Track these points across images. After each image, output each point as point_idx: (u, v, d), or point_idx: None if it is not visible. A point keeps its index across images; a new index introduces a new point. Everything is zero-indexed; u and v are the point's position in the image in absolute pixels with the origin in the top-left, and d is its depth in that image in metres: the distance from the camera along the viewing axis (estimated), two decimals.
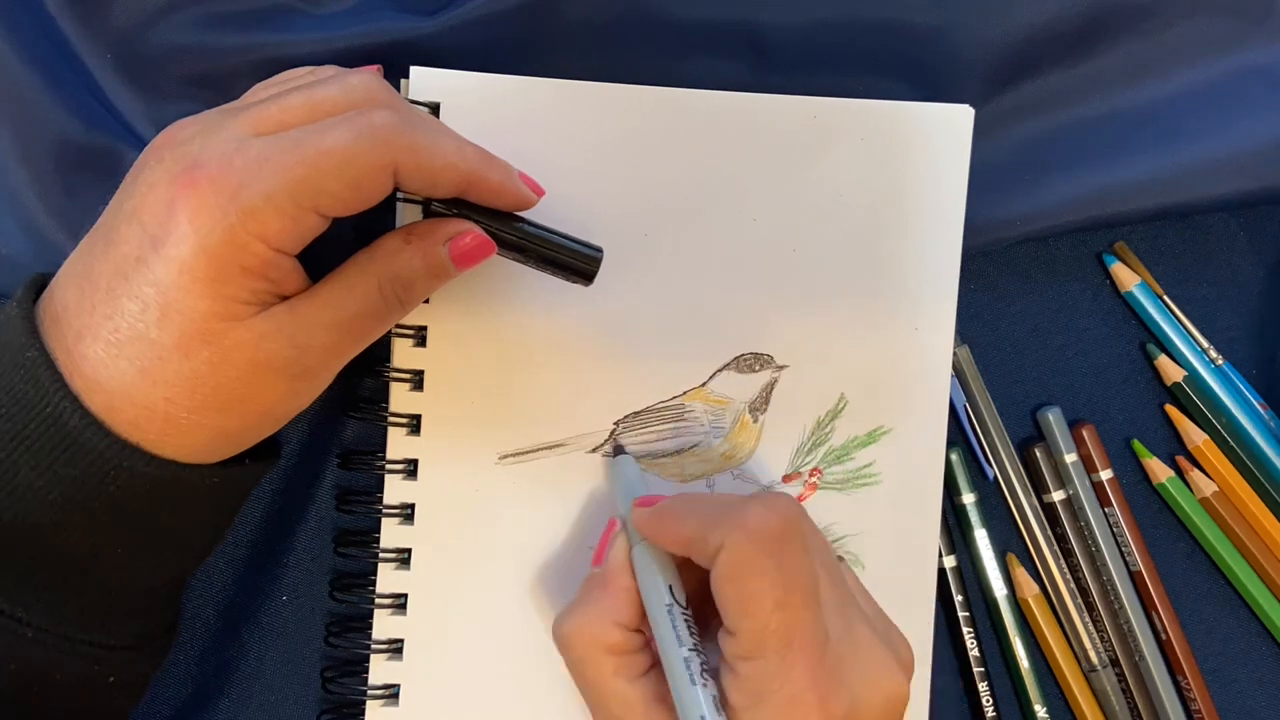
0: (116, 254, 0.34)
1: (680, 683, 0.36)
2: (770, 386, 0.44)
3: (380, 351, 0.43)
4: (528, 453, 0.44)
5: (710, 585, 0.36)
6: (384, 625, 0.43)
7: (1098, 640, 0.48)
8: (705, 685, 0.35)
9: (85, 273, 0.34)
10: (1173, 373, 0.48)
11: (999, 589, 0.48)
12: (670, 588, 0.38)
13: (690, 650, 0.36)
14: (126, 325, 0.33)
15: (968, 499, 0.47)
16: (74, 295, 0.34)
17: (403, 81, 0.42)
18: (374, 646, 0.43)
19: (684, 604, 0.38)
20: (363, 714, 0.44)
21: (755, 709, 0.34)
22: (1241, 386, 0.49)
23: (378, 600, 0.43)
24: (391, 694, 0.43)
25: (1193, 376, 0.48)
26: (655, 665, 0.38)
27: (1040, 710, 0.47)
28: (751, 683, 0.35)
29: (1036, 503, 0.48)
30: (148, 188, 0.34)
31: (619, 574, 0.39)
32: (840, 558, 0.39)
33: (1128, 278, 0.48)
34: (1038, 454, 0.48)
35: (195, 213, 0.33)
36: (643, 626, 0.38)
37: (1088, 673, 0.48)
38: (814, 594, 0.36)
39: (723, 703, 0.35)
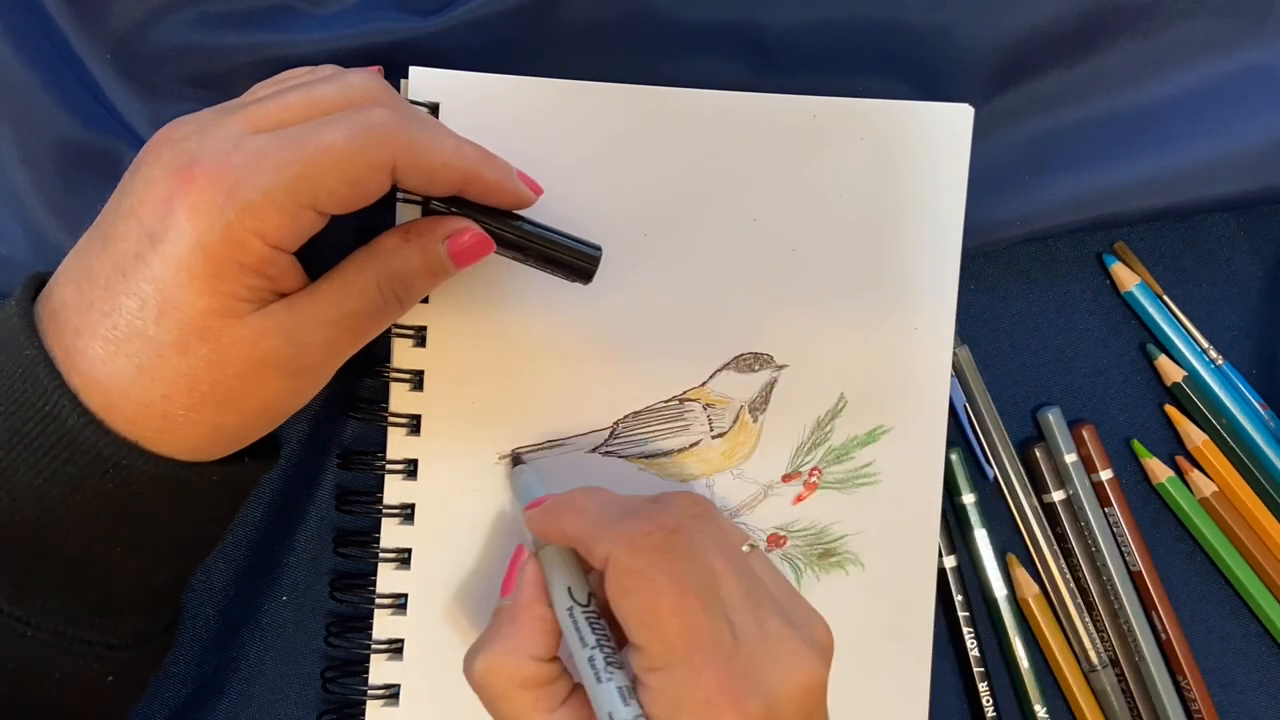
0: (115, 251, 0.34)
1: (589, 683, 0.35)
2: (770, 386, 0.44)
3: (380, 351, 0.43)
4: (527, 453, 0.44)
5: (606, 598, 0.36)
6: (384, 625, 0.43)
7: (1098, 640, 0.48)
8: (610, 679, 0.35)
9: (84, 270, 0.34)
10: (1172, 373, 0.48)
11: (999, 589, 0.48)
12: (569, 589, 0.37)
13: (594, 648, 0.36)
14: (125, 322, 0.33)
15: (968, 499, 0.47)
16: (72, 292, 0.34)
17: (403, 81, 0.42)
18: (374, 646, 0.43)
19: (584, 601, 0.37)
20: (363, 714, 0.44)
21: (675, 719, 0.34)
22: (1241, 386, 0.49)
23: (378, 600, 0.43)
24: (391, 694, 0.43)
25: (1192, 376, 0.48)
26: (575, 690, 0.37)
27: (1040, 710, 0.47)
28: (665, 693, 0.34)
29: (1036, 503, 0.48)
30: (146, 185, 0.34)
31: (531, 603, 0.38)
32: (752, 545, 0.38)
33: (1127, 278, 0.48)
34: (1038, 454, 0.48)
35: (193, 209, 0.33)
36: (558, 653, 0.37)
37: (1088, 673, 0.48)
38: (712, 595, 0.35)
39: (645, 716, 0.34)
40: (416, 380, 0.43)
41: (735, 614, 0.35)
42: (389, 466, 0.43)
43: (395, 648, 0.43)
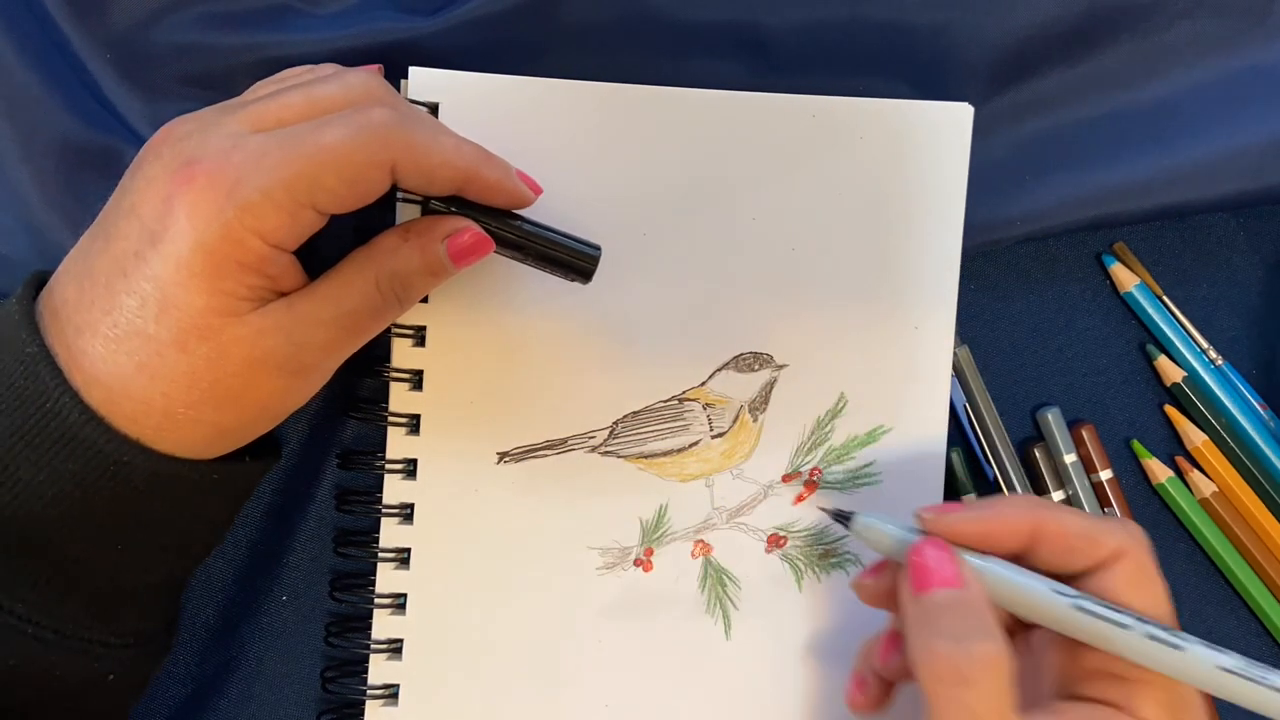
0: (115, 250, 0.34)
1: (1165, 659, 0.35)
2: (770, 386, 0.44)
3: (380, 351, 0.43)
4: (527, 452, 0.44)
5: (1103, 588, 0.36)
6: (383, 625, 0.43)
7: None
8: (1186, 640, 0.35)
9: (84, 268, 0.35)
10: (1172, 373, 0.48)
11: None
12: (1051, 588, 0.36)
13: (1140, 623, 0.35)
14: (125, 321, 0.34)
15: (968, 499, 0.47)
16: (73, 291, 0.35)
17: (402, 81, 0.42)
18: (374, 646, 0.43)
19: (1074, 592, 0.36)
20: (362, 714, 0.44)
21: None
22: (1241, 387, 0.49)
23: (377, 600, 0.43)
24: (391, 694, 0.43)
25: (1192, 377, 0.48)
26: None
27: None
28: (1164, 693, 0.36)
29: None
30: (146, 183, 0.34)
31: (987, 601, 0.36)
32: None
33: (1127, 278, 0.48)
34: (1037, 454, 0.48)
35: (193, 208, 0.33)
36: None
37: None
38: None
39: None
40: (416, 380, 0.43)
41: None
42: (389, 466, 0.43)
43: (395, 648, 0.43)
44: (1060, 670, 0.38)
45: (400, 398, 0.43)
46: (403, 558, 0.43)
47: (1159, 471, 0.48)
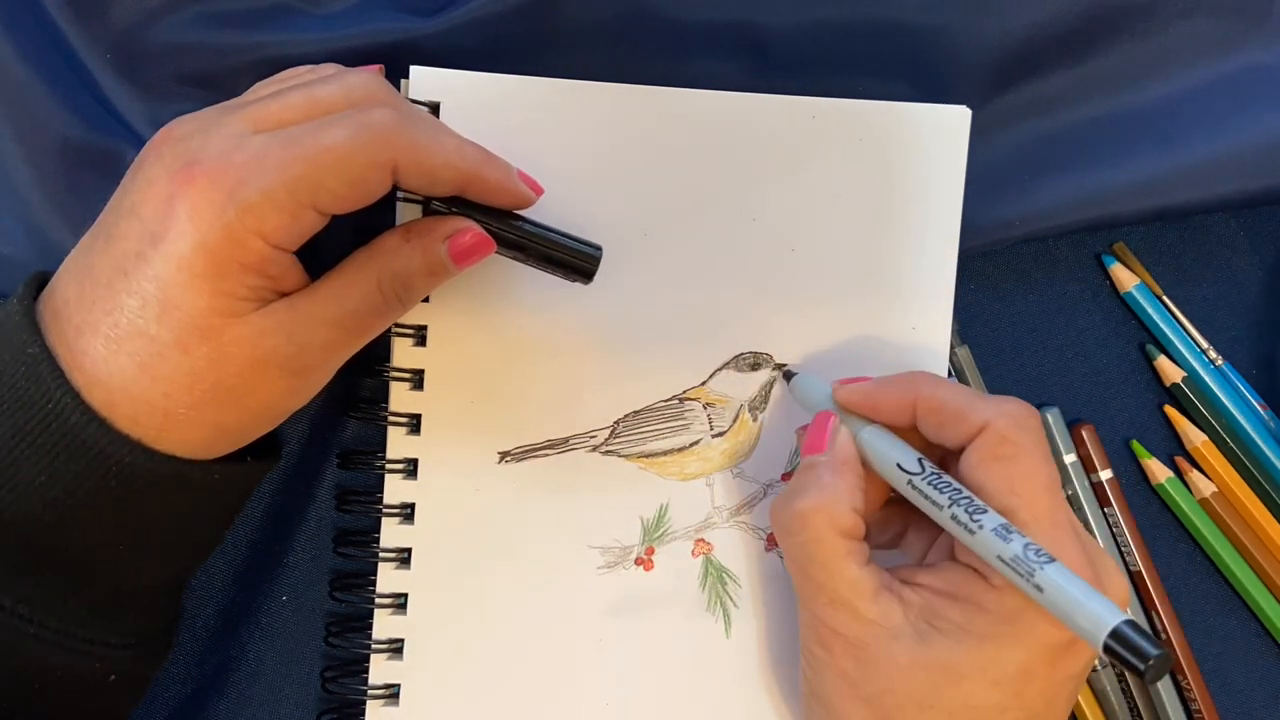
0: (116, 250, 0.34)
1: (962, 538, 0.36)
2: (769, 385, 0.44)
3: (380, 351, 0.43)
4: (527, 451, 0.44)
5: (963, 464, 0.37)
6: (384, 625, 0.43)
7: None
8: (982, 525, 0.35)
9: (86, 269, 0.35)
10: (1172, 373, 0.48)
11: None
12: (899, 463, 0.38)
13: (951, 506, 0.36)
14: (126, 321, 0.34)
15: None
16: (74, 291, 0.35)
17: (403, 81, 0.42)
18: (374, 646, 0.43)
19: (917, 470, 0.38)
20: (363, 714, 0.44)
21: None
22: (1241, 387, 0.49)
23: (378, 600, 0.43)
24: (391, 694, 0.43)
25: (1192, 377, 0.48)
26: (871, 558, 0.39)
27: None
28: None
29: None
30: (147, 184, 0.34)
31: (851, 460, 0.39)
32: None
33: (1127, 278, 0.48)
34: None
35: (194, 209, 0.33)
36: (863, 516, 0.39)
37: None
38: (1062, 492, 0.38)
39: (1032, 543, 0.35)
40: (416, 380, 0.43)
41: (1072, 513, 0.38)
42: (389, 466, 0.43)
43: (395, 647, 0.43)
44: (948, 534, 0.39)
45: (401, 397, 0.43)
46: (403, 558, 0.43)
47: (1159, 472, 0.48)
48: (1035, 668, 0.36)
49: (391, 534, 0.43)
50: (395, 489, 0.43)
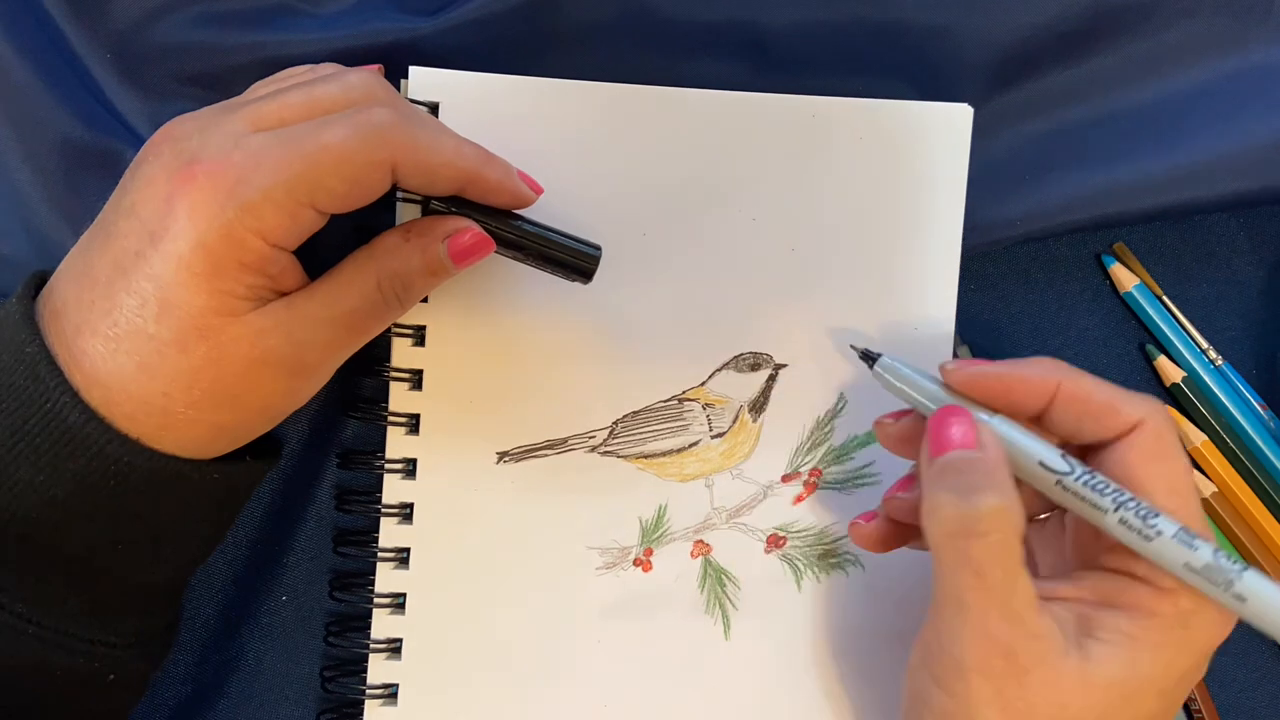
0: (115, 249, 0.34)
1: (1136, 546, 0.34)
2: (769, 386, 0.44)
3: (380, 351, 0.43)
4: (526, 452, 0.44)
5: (1112, 462, 0.36)
6: (383, 625, 0.43)
7: None
8: (1160, 530, 0.34)
9: (84, 268, 0.35)
10: (1172, 373, 0.48)
11: None
12: (1041, 462, 0.36)
13: (1118, 509, 0.35)
14: (125, 320, 0.34)
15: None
16: (73, 290, 0.35)
17: (403, 81, 0.42)
18: (373, 646, 0.43)
19: (1067, 470, 0.36)
20: (362, 714, 0.44)
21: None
22: (1241, 387, 0.49)
23: (377, 600, 0.43)
24: (390, 694, 0.43)
25: (1192, 377, 0.48)
26: None
27: None
28: None
29: None
30: (146, 183, 0.34)
31: (1005, 460, 0.36)
32: None
33: (1127, 278, 0.48)
34: None
35: (193, 208, 0.33)
36: None
37: None
38: None
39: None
40: (416, 380, 0.43)
41: None
42: (388, 466, 0.43)
43: (394, 647, 0.43)
44: (1085, 540, 0.38)
45: (400, 397, 0.43)
46: (402, 558, 0.43)
47: None
48: (1194, 673, 0.35)
49: (391, 534, 0.43)
50: (394, 489, 0.43)
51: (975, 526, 0.35)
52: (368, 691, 0.43)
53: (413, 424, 0.43)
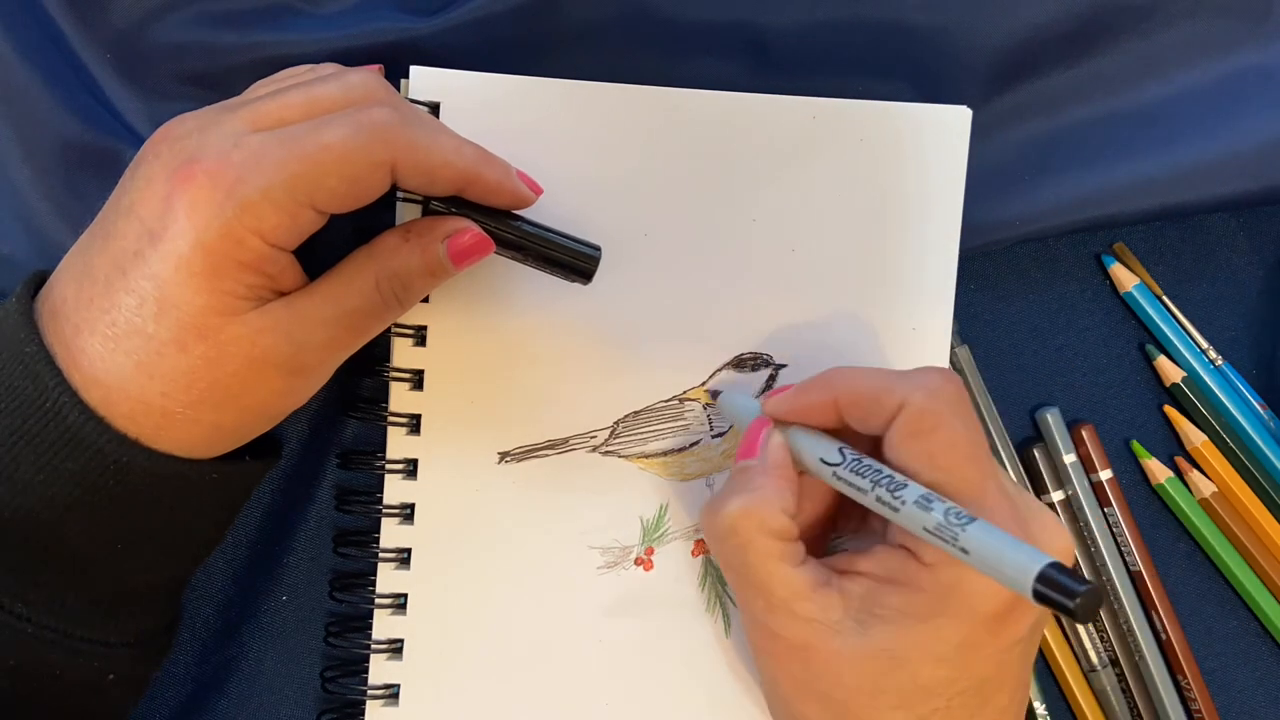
0: (114, 248, 0.34)
1: (889, 515, 0.36)
2: (769, 386, 0.44)
3: (380, 351, 0.43)
4: (528, 452, 0.44)
5: (886, 446, 0.37)
6: (384, 625, 0.43)
7: (1097, 640, 0.48)
8: (903, 500, 0.35)
9: (84, 267, 0.35)
10: (1172, 373, 0.48)
11: None
12: (821, 458, 0.38)
13: (873, 488, 0.36)
14: (124, 319, 0.34)
15: None
16: (72, 290, 0.35)
17: (403, 81, 0.42)
18: (374, 646, 0.43)
19: (839, 460, 0.37)
20: (363, 714, 0.44)
21: None
22: (1241, 387, 0.49)
23: (377, 600, 0.43)
24: (391, 694, 0.43)
25: (1192, 377, 0.48)
26: (808, 558, 0.38)
27: (1040, 709, 0.47)
28: None
29: None
30: (145, 182, 0.34)
31: (782, 465, 0.39)
32: None
33: (1126, 278, 0.48)
34: (1037, 454, 0.48)
35: (192, 207, 0.33)
36: (796, 517, 0.38)
37: (1087, 673, 0.48)
38: (990, 452, 0.37)
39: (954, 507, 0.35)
40: (416, 380, 0.43)
41: (1000, 472, 0.37)
42: (389, 466, 0.43)
43: (395, 647, 0.43)
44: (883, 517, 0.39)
45: (400, 398, 0.43)
46: (403, 558, 0.43)
47: (1159, 472, 0.48)
48: (978, 638, 0.36)
49: (391, 534, 0.43)
50: (395, 489, 0.43)
51: (719, 530, 0.38)
52: (369, 692, 0.43)
53: (413, 424, 0.43)
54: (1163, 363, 0.48)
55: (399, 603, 0.43)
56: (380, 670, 0.43)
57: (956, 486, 0.36)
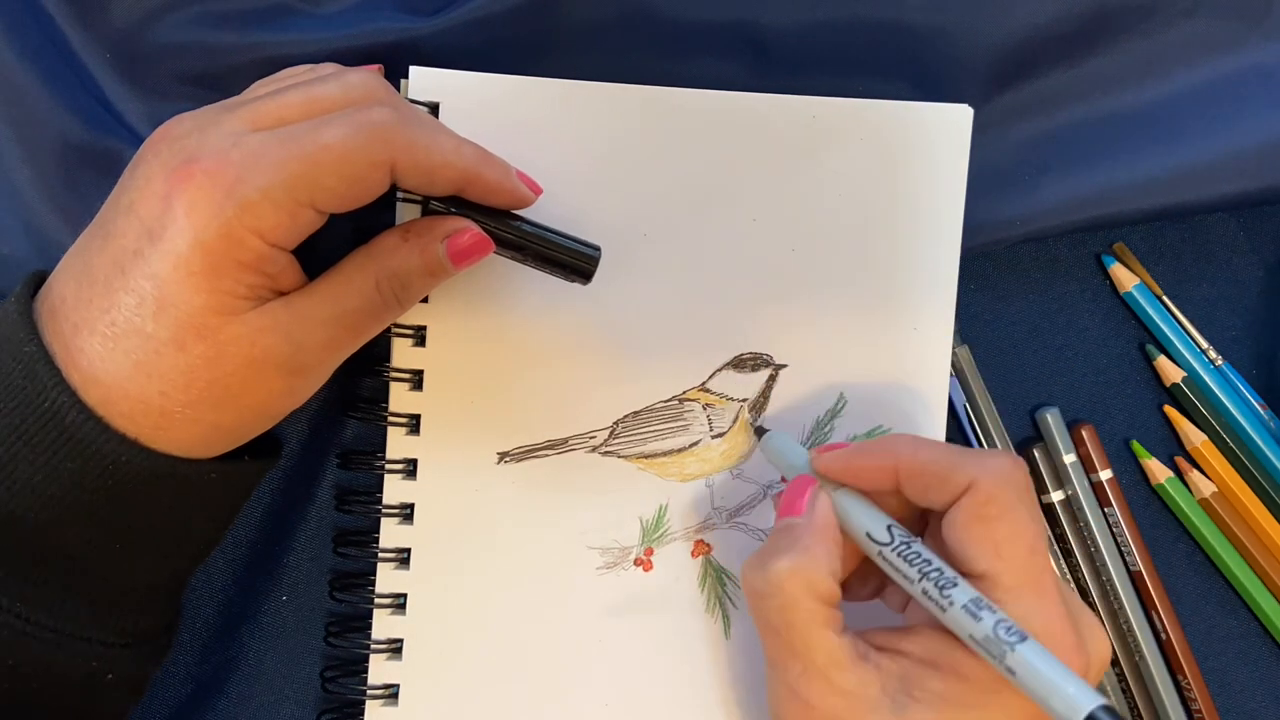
0: (114, 247, 0.34)
1: (934, 613, 0.35)
2: (769, 386, 0.44)
3: (380, 351, 0.43)
4: (527, 452, 0.44)
5: (947, 525, 0.36)
6: (383, 625, 0.43)
7: None
8: (953, 600, 0.34)
9: (83, 266, 0.35)
10: (1172, 373, 0.48)
11: None
12: (868, 533, 0.37)
13: (921, 580, 0.35)
14: (123, 319, 0.34)
15: None
16: (72, 289, 0.35)
17: (403, 81, 0.42)
18: (373, 646, 0.43)
19: (888, 540, 0.37)
20: (362, 714, 0.44)
21: None
22: (1240, 387, 0.49)
23: (377, 600, 0.43)
24: (391, 694, 0.43)
25: (1192, 377, 0.48)
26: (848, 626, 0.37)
27: None
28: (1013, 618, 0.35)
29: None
30: (145, 181, 0.34)
31: (829, 526, 0.38)
32: None
33: (1126, 278, 0.48)
34: (1037, 454, 0.48)
35: (191, 206, 0.33)
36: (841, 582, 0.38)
37: None
38: (1047, 546, 0.37)
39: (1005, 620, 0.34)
40: (416, 380, 0.43)
41: (1053, 567, 0.37)
42: (389, 466, 0.43)
43: (395, 647, 0.43)
44: None
45: (400, 398, 0.43)
46: (403, 558, 0.43)
47: (1159, 472, 0.48)
48: None
49: (391, 534, 0.43)
50: (395, 489, 0.43)
51: (764, 587, 0.37)
52: (368, 692, 0.43)
53: (413, 424, 0.43)
54: (1163, 363, 0.48)
55: (399, 603, 0.43)
56: (380, 670, 0.43)
57: (1015, 578, 0.35)
